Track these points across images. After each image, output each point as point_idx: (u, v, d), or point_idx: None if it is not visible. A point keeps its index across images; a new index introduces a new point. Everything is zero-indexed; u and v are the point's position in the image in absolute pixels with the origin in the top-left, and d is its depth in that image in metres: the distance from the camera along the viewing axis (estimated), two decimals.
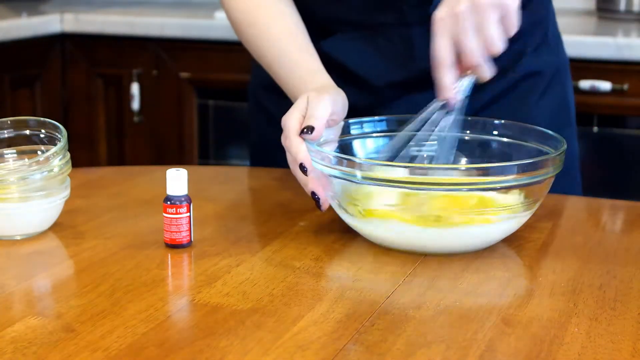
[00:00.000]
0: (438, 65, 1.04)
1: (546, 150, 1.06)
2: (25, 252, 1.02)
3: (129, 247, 1.02)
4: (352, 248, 1.03)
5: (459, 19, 1.02)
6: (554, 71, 1.32)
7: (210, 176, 1.35)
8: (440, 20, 1.03)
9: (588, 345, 0.80)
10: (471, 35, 1.02)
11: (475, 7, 1.01)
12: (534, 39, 1.30)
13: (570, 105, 1.36)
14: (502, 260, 1.01)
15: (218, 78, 2.59)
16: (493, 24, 1.02)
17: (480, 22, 1.02)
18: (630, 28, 2.41)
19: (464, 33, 1.02)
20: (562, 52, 1.36)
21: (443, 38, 1.03)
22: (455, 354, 0.78)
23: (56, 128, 1.08)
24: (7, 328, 0.82)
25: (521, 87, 1.29)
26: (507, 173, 0.96)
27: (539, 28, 1.31)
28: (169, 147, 2.67)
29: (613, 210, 1.25)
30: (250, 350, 0.78)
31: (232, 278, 0.94)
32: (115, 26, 2.62)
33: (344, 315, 0.86)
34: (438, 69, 1.04)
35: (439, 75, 1.04)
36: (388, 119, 1.16)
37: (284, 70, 1.19)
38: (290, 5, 1.23)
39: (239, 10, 1.23)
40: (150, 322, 0.83)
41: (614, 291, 0.92)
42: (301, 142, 1.03)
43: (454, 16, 1.02)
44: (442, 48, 1.03)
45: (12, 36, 2.51)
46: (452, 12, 1.02)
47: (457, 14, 1.02)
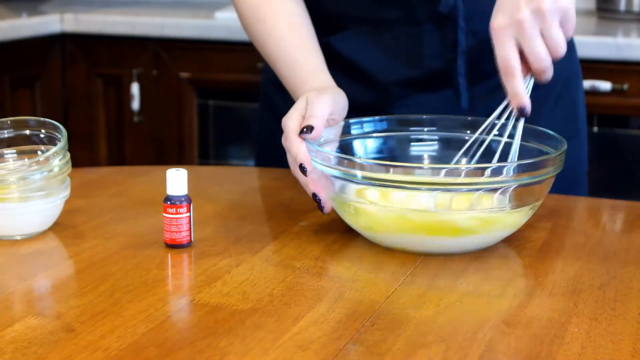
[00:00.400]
0: (508, 73, 1.03)
1: (546, 150, 1.06)
2: (25, 252, 1.02)
3: (129, 247, 1.02)
4: (352, 248, 1.03)
5: (523, 25, 1.01)
6: (566, 79, 1.32)
7: (210, 176, 1.35)
8: (502, 28, 1.02)
9: (588, 345, 0.80)
10: (537, 40, 1.02)
11: (539, 13, 1.01)
12: None
13: (581, 114, 1.36)
14: (502, 260, 1.01)
15: (218, 78, 2.59)
16: (556, 28, 1.02)
17: (544, 27, 1.02)
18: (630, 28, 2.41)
19: (530, 39, 1.01)
20: (575, 61, 1.36)
21: (509, 45, 1.02)
22: (455, 354, 0.78)
23: (56, 128, 1.08)
24: (7, 328, 0.82)
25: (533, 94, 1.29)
26: (507, 173, 0.96)
27: None
28: (169, 147, 2.67)
29: (613, 210, 1.25)
30: (250, 350, 0.78)
31: (232, 278, 0.94)
32: (115, 26, 2.62)
33: (344, 315, 0.85)
34: (509, 77, 1.03)
35: (511, 83, 1.03)
36: (388, 119, 1.16)
37: (287, 69, 1.19)
38: (298, 3, 1.23)
39: (248, 5, 1.24)
40: (150, 322, 0.83)
41: (614, 291, 0.92)
42: (301, 143, 1.03)
43: (517, 23, 1.01)
44: (510, 55, 1.02)
45: (12, 36, 2.51)
46: (514, 19, 1.01)
47: (521, 21, 1.01)
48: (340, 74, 1.23)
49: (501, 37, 1.03)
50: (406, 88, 1.26)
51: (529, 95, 1.04)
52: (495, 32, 1.03)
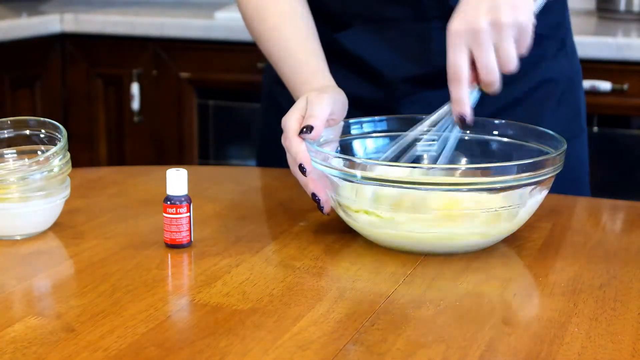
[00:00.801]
0: (455, 79, 1.02)
1: (546, 150, 1.06)
2: (25, 252, 1.02)
3: (129, 247, 1.02)
4: (352, 248, 1.03)
5: (479, 34, 1.01)
6: (568, 80, 1.32)
7: (210, 176, 1.35)
8: (457, 33, 1.02)
9: (588, 345, 0.80)
10: (490, 52, 1.02)
11: (496, 25, 1.01)
12: (553, 43, 1.30)
13: (583, 114, 1.36)
14: (502, 260, 1.01)
15: (218, 78, 2.59)
16: (511, 43, 1.02)
17: (499, 40, 1.02)
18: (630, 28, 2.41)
19: (483, 50, 1.01)
20: (576, 62, 1.36)
21: (461, 52, 1.02)
22: (455, 354, 0.78)
23: (56, 128, 1.08)
24: (7, 328, 0.82)
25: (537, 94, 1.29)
26: (507, 173, 0.96)
27: (557, 32, 1.31)
28: (169, 147, 2.67)
29: (613, 210, 1.25)
30: (250, 350, 0.78)
31: (232, 278, 0.94)
32: (115, 26, 2.62)
33: (344, 315, 0.85)
34: (455, 83, 1.03)
35: (456, 89, 1.03)
36: (388, 119, 1.16)
37: (288, 69, 1.19)
38: (301, 3, 1.23)
39: (251, 5, 1.24)
40: (150, 322, 0.83)
41: (614, 291, 0.92)
42: (301, 142, 1.03)
43: (473, 31, 1.01)
44: (460, 62, 1.02)
45: (12, 36, 2.51)
46: (471, 27, 1.01)
47: (477, 30, 1.01)
48: (347, 71, 1.24)
49: (455, 42, 1.02)
50: (413, 85, 1.25)
51: (473, 105, 1.04)
52: (451, 36, 1.03)
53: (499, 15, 1.01)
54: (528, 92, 1.28)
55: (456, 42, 1.02)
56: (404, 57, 1.25)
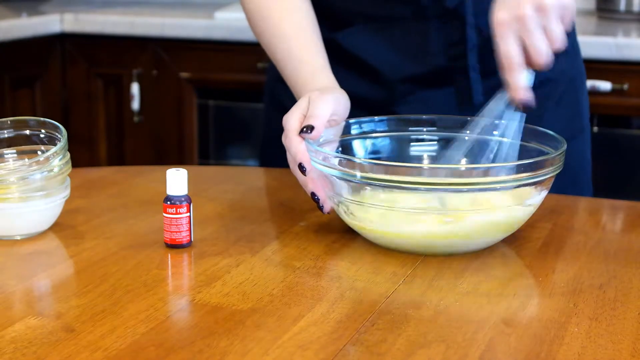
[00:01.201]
0: (510, 67, 1.04)
1: (546, 150, 1.06)
2: (25, 252, 1.02)
3: (129, 247, 1.02)
4: (352, 248, 1.03)
5: (526, 20, 1.02)
6: (569, 80, 1.32)
7: (210, 176, 1.35)
8: (503, 24, 1.03)
9: (588, 345, 0.80)
10: (540, 36, 1.03)
11: (541, 9, 1.02)
12: None
13: (585, 113, 1.36)
14: (502, 260, 1.01)
15: (218, 78, 2.59)
16: (557, 23, 1.04)
17: (546, 23, 1.03)
18: (630, 28, 2.41)
19: (532, 34, 1.03)
20: (579, 62, 1.36)
21: (511, 40, 1.03)
22: (455, 354, 0.78)
23: (56, 128, 1.08)
24: (7, 328, 0.82)
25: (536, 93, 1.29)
26: (507, 173, 0.96)
27: None
28: (169, 147, 2.67)
29: (613, 210, 1.25)
30: (250, 350, 0.78)
31: (232, 278, 0.94)
32: (115, 26, 2.62)
33: (344, 315, 0.85)
34: (510, 71, 1.04)
35: (512, 76, 1.04)
36: (388, 119, 1.16)
37: (291, 68, 1.19)
38: (305, 1, 1.23)
39: (254, 3, 1.24)
40: (150, 322, 0.83)
41: (614, 291, 0.92)
42: (301, 142, 1.03)
43: (519, 18, 1.02)
44: (511, 50, 1.03)
45: (12, 36, 2.51)
46: (516, 15, 1.03)
47: (523, 17, 1.02)
48: (346, 70, 1.23)
49: (503, 32, 1.04)
50: (412, 85, 1.26)
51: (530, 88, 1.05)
52: (498, 27, 1.04)
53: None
54: None
55: (504, 31, 1.04)
56: (403, 56, 1.25)
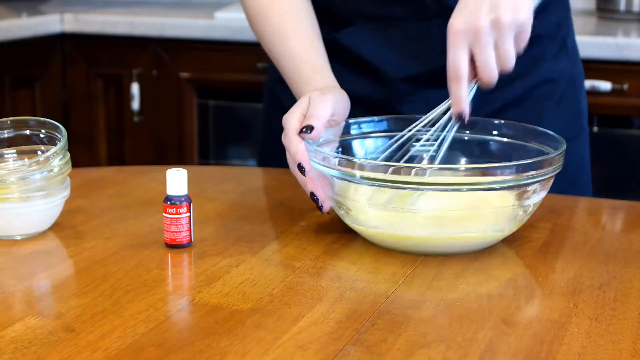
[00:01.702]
0: (455, 77, 1.03)
1: (546, 150, 1.06)
2: (25, 252, 1.02)
3: (129, 247, 1.02)
4: (352, 248, 1.03)
5: (480, 33, 1.02)
6: (569, 80, 1.32)
7: (210, 176, 1.35)
8: (458, 32, 1.03)
9: (588, 345, 0.80)
10: (490, 51, 1.03)
11: (497, 25, 1.02)
12: (554, 43, 1.30)
13: (584, 115, 1.36)
14: (502, 260, 1.01)
15: (218, 78, 2.59)
16: (511, 43, 1.03)
17: (499, 40, 1.03)
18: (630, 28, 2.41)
19: (483, 49, 1.02)
20: (578, 63, 1.36)
21: (461, 50, 1.03)
22: (455, 354, 0.78)
23: (56, 128, 1.08)
24: (7, 328, 0.82)
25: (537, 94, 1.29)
26: (507, 173, 0.96)
27: (558, 33, 1.31)
28: (169, 147, 2.67)
29: (613, 210, 1.25)
30: (250, 350, 0.78)
31: (232, 278, 0.94)
32: (115, 26, 2.62)
33: (344, 315, 0.85)
34: (455, 81, 1.04)
35: (455, 87, 1.04)
36: (388, 119, 1.16)
37: (291, 68, 1.19)
38: (305, 1, 1.23)
39: (255, 3, 1.24)
40: (150, 322, 0.83)
41: (614, 291, 0.92)
42: (300, 142, 1.03)
43: (474, 30, 1.02)
44: (460, 61, 1.03)
45: (12, 36, 2.51)
46: (472, 26, 1.02)
47: (478, 29, 1.02)
48: (347, 69, 1.23)
49: (456, 40, 1.03)
50: (413, 84, 1.26)
51: (470, 100, 1.05)
52: (451, 34, 1.04)
53: (499, 14, 1.01)
54: (528, 91, 1.28)
55: (457, 40, 1.03)
56: (404, 55, 1.25)
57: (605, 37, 2.22)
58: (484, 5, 1.02)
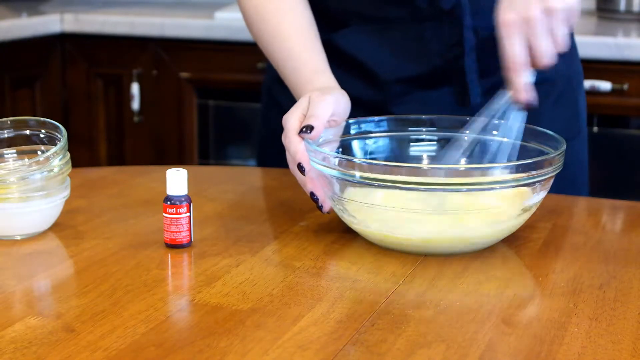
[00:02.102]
0: (514, 67, 1.05)
1: (546, 150, 1.06)
2: (25, 252, 1.02)
3: (129, 247, 1.02)
4: (352, 248, 1.03)
5: (534, 22, 1.03)
6: (566, 80, 1.33)
7: (210, 176, 1.35)
8: (510, 24, 1.04)
9: (588, 345, 0.80)
10: (547, 39, 1.04)
11: (549, 12, 1.03)
12: None
13: (582, 115, 1.36)
14: (502, 260, 1.01)
15: (218, 78, 2.59)
16: (564, 27, 1.05)
17: (553, 26, 1.04)
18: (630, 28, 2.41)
19: (538, 36, 1.04)
20: (576, 63, 1.36)
21: (516, 40, 1.04)
22: (455, 354, 0.78)
23: (56, 128, 1.08)
24: (7, 328, 0.82)
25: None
26: (507, 173, 0.96)
27: None
28: (169, 147, 2.67)
29: (613, 210, 1.25)
30: (250, 350, 0.78)
31: (232, 278, 0.94)
32: (115, 26, 2.62)
33: (344, 315, 0.85)
34: (514, 71, 1.05)
35: (515, 77, 1.05)
36: (388, 119, 1.16)
37: (290, 69, 1.19)
38: (302, 2, 1.23)
39: (252, 4, 1.24)
40: (150, 322, 0.83)
41: (614, 291, 0.92)
42: (300, 142, 1.03)
43: (527, 20, 1.03)
44: (516, 50, 1.04)
45: (12, 36, 2.51)
46: (524, 16, 1.03)
47: (531, 19, 1.03)
48: (342, 70, 1.23)
49: (510, 33, 1.05)
50: (408, 85, 1.26)
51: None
52: (505, 27, 1.05)
53: (551, 2, 1.03)
54: None
55: (510, 32, 1.04)
56: (399, 57, 1.25)
57: (605, 37, 2.22)
58: None
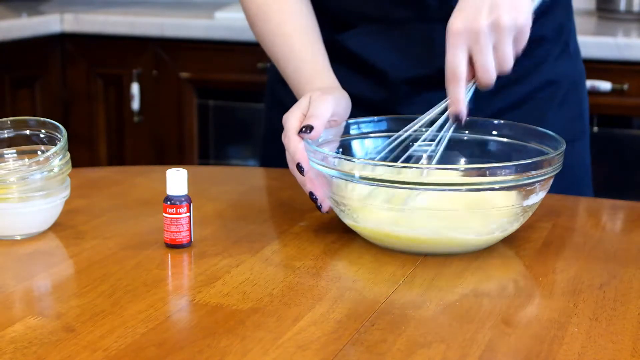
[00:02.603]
0: (453, 79, 1.03)
1: (546, 150, 1.06)
2: (25, 252, 1.02)
3: (129, 247, 1.02)
4: (352, 248, 1.03)
5: (479, 35, 1.02)
6: (571, 82, 1.32)
7: (210, 176, 1.35)
8: (457, 33, 1.03)
9: (588, 345, 0.80)
10: (489, 53, 1.02)
11: (497, 27, 1.02)
12: (556, 45, 1.30)
13: (585, 117, 1.36)
14: (502, 260, 1.01)
15: (218, 78, 2.59)
16: (509, 45, 1.03)
17: (498, 41, 1.02)
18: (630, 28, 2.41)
19: (482, 51, 1.02)
20: (580, 64, 1.36)
21: (460, 51, 1.03)
22: (455, 354, 0.78)
23: (56, 128, 1.08)
24: (7, 328, 0.82)
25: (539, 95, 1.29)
26: (506, 173, 0.96)
27: (560, 35, 1.31)
28: (169, 147, 2.67)
29: (613, 210, 1.25)
30: (250, 350, 0.78)
31: (232, 278, 0.94)
32: (115, 26, 2.62)
33: (344, 315, 0.85)
34: (453, 82, 1.03)
35: (453, 88, 1.04)
36: (387, 119, 1.16)
37: (292, 69, 1.19)
38: (305, 2, 1.23)
39: (254, 4, 1.24)
40: (150, 322, 0.83)
41: (614, 291, 0.92)
42: (299, 141, 1.03)
43: (473, 32, 1.02)
44: (458, 62, 1.03)
45: (12, 36, 2.51)
46: (471, 27, 1.02)
47: (477, 31, 1.02)
48: (350, 71, 1.23)
49: (455, 41, 1.03)
50: (415, 86, 1.26)
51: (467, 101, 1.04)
52: (451, 35, 1.03)
53: (499, 16, 1.01)
54: (531, 93, 1.28)
55: (456, 41, 1.03)
56: (407, 58, 1.25)
57: (606, 37, 2.22)
58: (484, 6, 1.02)
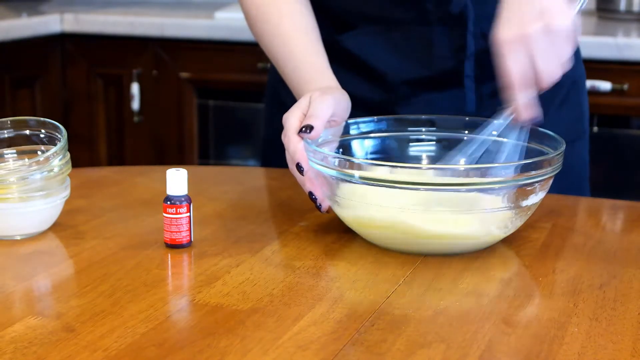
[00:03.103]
0: (516, 87, 1.03)
1: (546, 150, 1.06)
2: (25, 252, 1.02)
3: (129, 247, 1.02)
4: (352, 248, 1.03)
5: (533, 40, 1.01)
6: (572, 82, 1.32)
7: (210, 176, 1.35)
8: (509, 41, 1.02)
9: (588, 345, 0.80)
10: (546, 56, 1.02)
11: (548, 30, 1.01)
12: None
13: (586, 117, 1.36)
14: (502, 260, 1.01)
15: (218, 78, 2.59)
16: (566, 47, 1.03)
17: (552, 44, 1.02)
18: (630, 28, 2.41)
19: (540, 54, 1.01)
20: (580, 65, 1.36)
21: (517, 60, 1.02)
22: (455, 354, 0.78)
23: (56, 128, 1.09)
24: (7, 328, 0.82)
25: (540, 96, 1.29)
26: (506, 173, 0.96)
27: None
28: (169, 147, 2.67)
29: (613, 210, 1.25)
30: (250, 350, 0.78)
31: (232, 278, 0.94)
32: (115, 26, 2.63)
33: (344, 315, 0.85)
34: (516, 91, 1.03)
35: (518, 97, 1.03)
36: (387, 119, 1.16)
37: (292, 69, 1.19)
38: (304, 3, 1.23)
39: (254, 5, 1.24)
40: (150, 322, 0.83)
41: (614, 291, 0.92)
42: (299, 141, 1.03)
43: (526, 37, 1.01)
44: (520, 68, 1.02)
45: (12, 36, 2.51)
46: (522, 34, 1.01)
47: (528, 35, 1.01)
48: (349, 72, 1.23)
49: (509, 50, 1.02)
50: (415, 87, 1.26)
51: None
52: (503, 45, 1.03)
53: (550, 20, 1.01)
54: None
55: (510, 49, 1.02)
56: (406, 59, 1.25)
57: (606, 37, 2.22)
58: (533, 12, 1.02)
